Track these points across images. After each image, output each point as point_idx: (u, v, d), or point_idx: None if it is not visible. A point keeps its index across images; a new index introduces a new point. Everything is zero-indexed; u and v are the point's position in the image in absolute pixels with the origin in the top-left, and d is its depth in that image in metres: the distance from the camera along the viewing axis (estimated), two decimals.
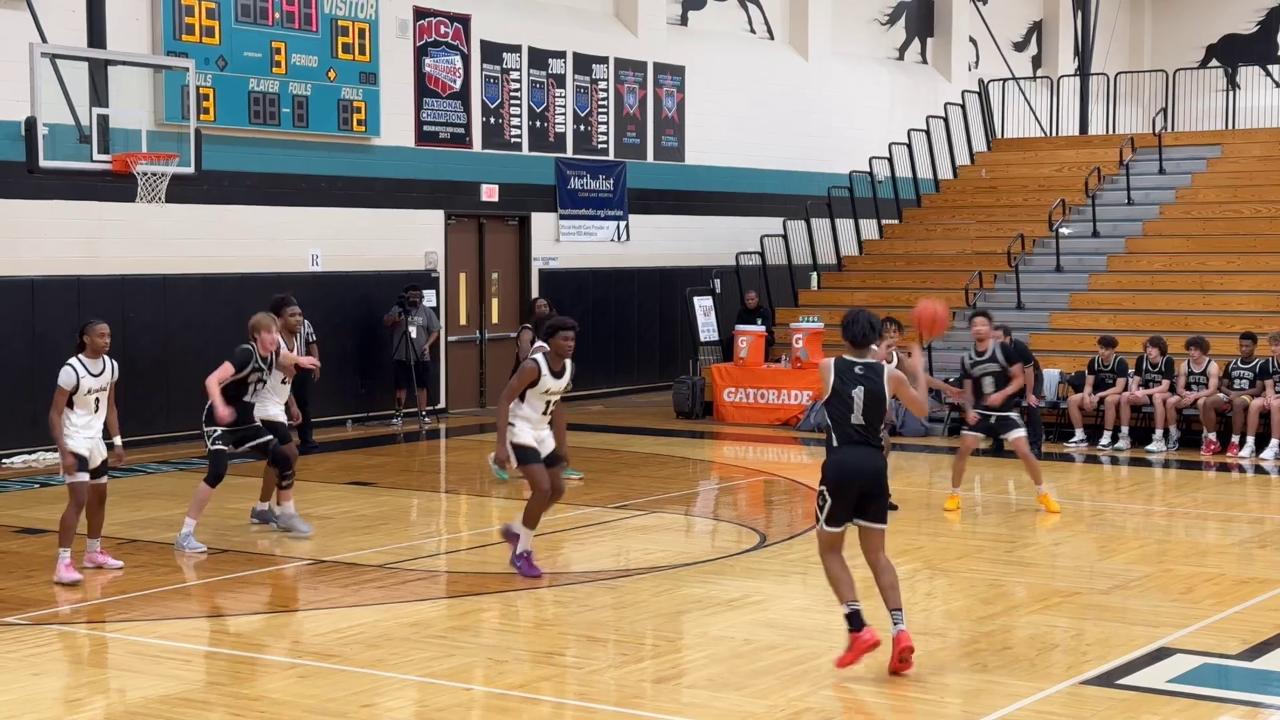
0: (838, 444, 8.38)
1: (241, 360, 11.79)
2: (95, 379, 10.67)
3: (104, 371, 10.74)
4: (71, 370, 10.59)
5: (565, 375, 10.67)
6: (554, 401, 10.77)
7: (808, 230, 23.50)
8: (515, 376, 10.81)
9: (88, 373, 10.63)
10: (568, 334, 10.59)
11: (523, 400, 10.60)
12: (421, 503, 14.33)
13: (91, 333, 10.72)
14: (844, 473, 8.33)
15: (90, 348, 10.69)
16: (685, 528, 13.52)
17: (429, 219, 20.89)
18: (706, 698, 8.00)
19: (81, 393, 10.60)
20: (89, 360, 10.67)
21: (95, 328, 10.76)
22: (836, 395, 8.36)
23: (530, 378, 10.57)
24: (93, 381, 10.65)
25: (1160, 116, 26.42)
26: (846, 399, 8.34)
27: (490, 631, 9.49)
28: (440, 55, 20.90)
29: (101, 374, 10.72)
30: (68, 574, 10.42)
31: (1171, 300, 20.17)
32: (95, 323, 10.85)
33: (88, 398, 10.63)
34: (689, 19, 25.32)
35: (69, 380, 10.57)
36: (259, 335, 11.87)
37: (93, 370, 10.66)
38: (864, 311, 8.55)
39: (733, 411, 20.52)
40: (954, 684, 8.26)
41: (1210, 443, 17.22)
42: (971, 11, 30.77)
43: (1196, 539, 12.88)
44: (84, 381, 10.59)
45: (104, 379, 10.74)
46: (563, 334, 10.58)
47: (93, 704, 7.91)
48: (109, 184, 15.92)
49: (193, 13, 17.80)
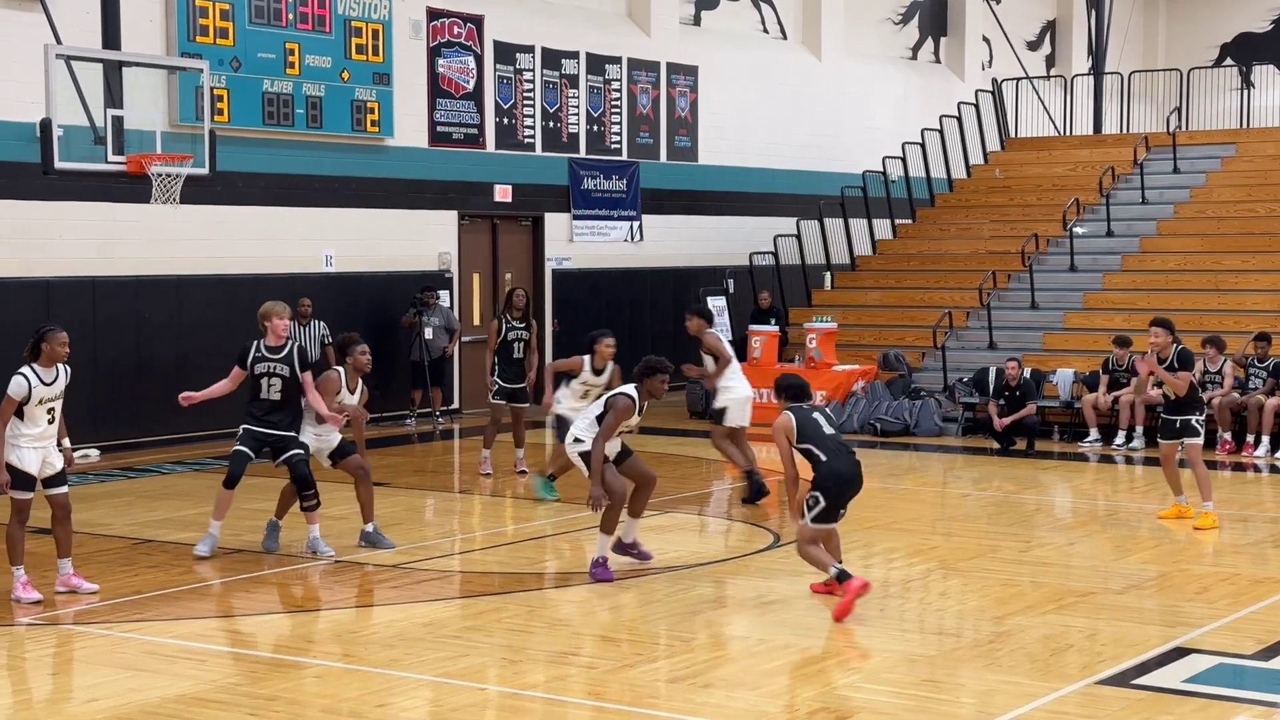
0: (826, 457, 9.74)
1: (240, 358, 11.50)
2: (48, 388, 9.94)
3: (57, 380, 10.01)
4: (23, 380, 9.84)
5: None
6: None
7: (821, 230, 23.48)
8: (612, 414, 10.58)
9: (40, 382, 9.89)
10: (664, 378, 10.66)
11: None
12: (436, 503, 14.34)
13: (52, 340, 9.95)
14: (839, 481, 9.76)
15: (46, 355, 9.94)
16: (699, 528, 13.52)
17: (442, 219, 20.91)
18: (721, 697, 8.00)
19: (33, 403, 9.87)
20: (42, 369, 9.93)
21: (56, 335, 9.98)
22: (802, 427, 9.79)
23: (626, 416, 10.64)
24: (45, 391, 9.92)
25: (1174, 115, 26.37)
26: (812, 423, 9.83)
27: (504, 631, 9.49)
28: (453, 56, 20.92)
29: (54, 383, 9.99)
30: (27, 593, 9.90)
31: (1186, 299, 20.12)
32: (56, 330, 10.06)
33: (39, 409, 9.91)
34: (702, 19, 25.31)
35: (19, 390, 9.81)
36: (269, 323, 11.56)
37: (45, 379, 9.93)
38: (794, 376, 10.39)
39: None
40: (969, 684, 8.26)
41: (1225, 442, 17.17)
42: (985, 11, 30.73)
43: (1212, 538, 12.83)
44: (36, 391, 9.86)
45: (57, 388, 10.01)
46: (660, 377, 10.64)
47: (108, 704, 7.92)
48: (123, 185, 15.95)
49: (207, 14, 17.84)
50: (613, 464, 10.74)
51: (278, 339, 11.54)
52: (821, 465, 9.75)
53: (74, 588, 10.22)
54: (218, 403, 11.98)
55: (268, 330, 11.57)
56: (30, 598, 9.91)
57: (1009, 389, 17.61)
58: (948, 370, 19.83)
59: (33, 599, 9.90)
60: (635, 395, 10.63)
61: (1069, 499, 14.97)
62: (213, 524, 11.52)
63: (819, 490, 9.76)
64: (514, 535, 13.04)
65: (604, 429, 10.57)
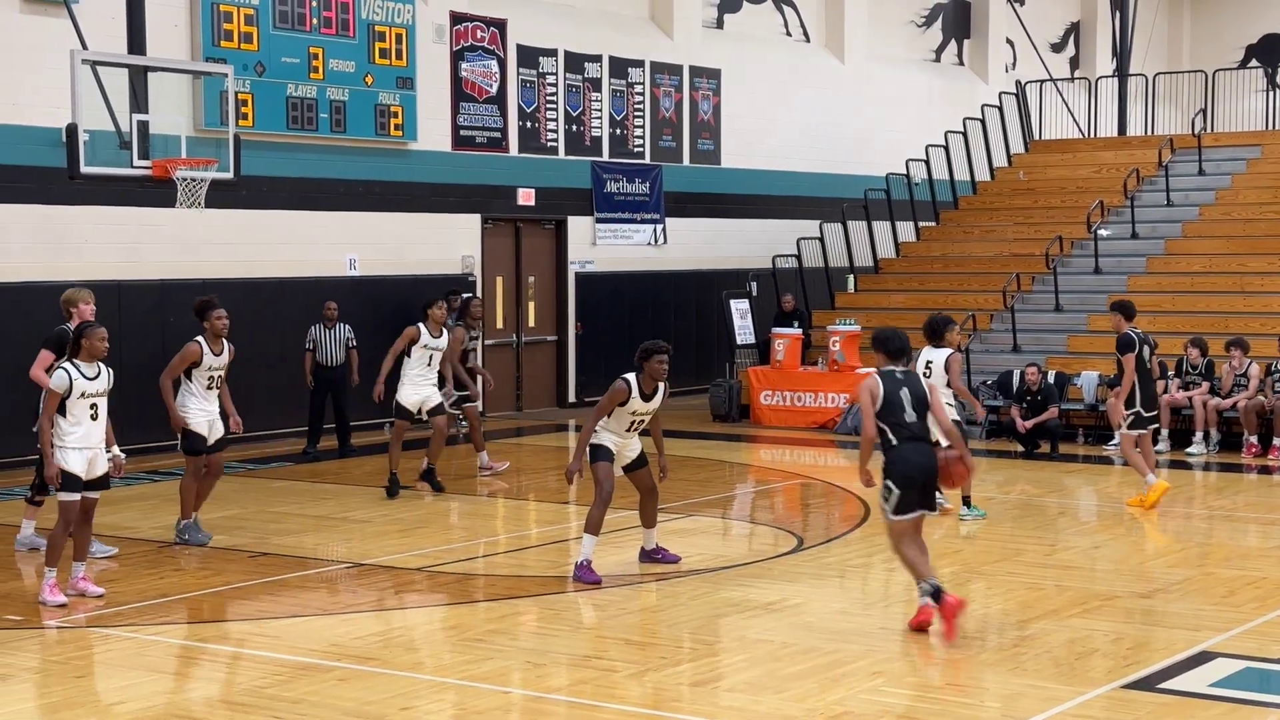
0: (897, 442, 9.22)
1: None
2: (90, 382, 9.99)
3: (99, 376, 10.08)
4: (64, 374, 9.93)
5: (657, 397, 10.75)
6: (640, 421, 10.83)
7: (844, 233, 23.46)
8: (605, 396, 10.74)
9: (81, 375, 9.95)
10: (662, 358, 10.64)
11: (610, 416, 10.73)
12: (459, 506, 14.36)
13: (91, 336, 10.02)
14: (908, 467, 9.21)
15: (86, 351, 10.00)
16: (722, 531, 13.51)
17: (466, 223, 20.95)
18: (745, 701, 7.99)
19: (75, 396, 9.92)
20: (83, 364, 10.00)
21: (95, 331, 10.07)
22: (887, 400, 9.27)
23: (619, 398, 10.63)
24: (86, 385, 9.97)
25: (1199, 117, 26.24)
26: (896, 401, 9.25)
27: (528, 635, 9.50)
28: (476, 60, 20.96)
29: (96, 378, 10.05)
30: (53, 596, 9.91)
31: (1211, 302, 20.05)
32: (95, 325, 10.18)
33: (81, 403, 9.96)
34: (724, 22, 25.31)
35: (61, 383, 9.90)
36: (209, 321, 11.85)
37: (87, 374, 9.99)
38: (896, 329, 9.85)
39: (769, 414, 20.49)
40: (993, 688, 8.24)
41: (1251, 445, 17.10)
42: (1009, 13, 30.65)
43: (1238, 542, 12.79)
44: (77, 384, 9.91)
45: (99, 384, 10.07)
46: (657, 358, 10.63)
47: (134, 707, 7.95)
48: (149, 190, 16.00)
49: (231, 19, 17.91)
50: (610, 465, 10.74)
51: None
52: (890, 450, 9.26)
53: (82, 591, 10.20)
54: (243, 406, 12.02)
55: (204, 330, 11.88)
56: (56, 601, 9.93)
57: (1030, 393, 17.58)
58: (971, 373, 19.77)
59: (58, 602, 9.93)
60: (633, 381, 10.64)
61: (1094, 502, 14.92)
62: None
63: (889, 479, 9.24)
64: (538, 539, 13.05)
65: (596, 409, 10.74)
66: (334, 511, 13.79)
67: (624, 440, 10.84)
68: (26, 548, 11.71)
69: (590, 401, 20.97)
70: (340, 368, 17.37)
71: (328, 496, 14.64)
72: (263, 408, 18.28)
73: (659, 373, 10.65)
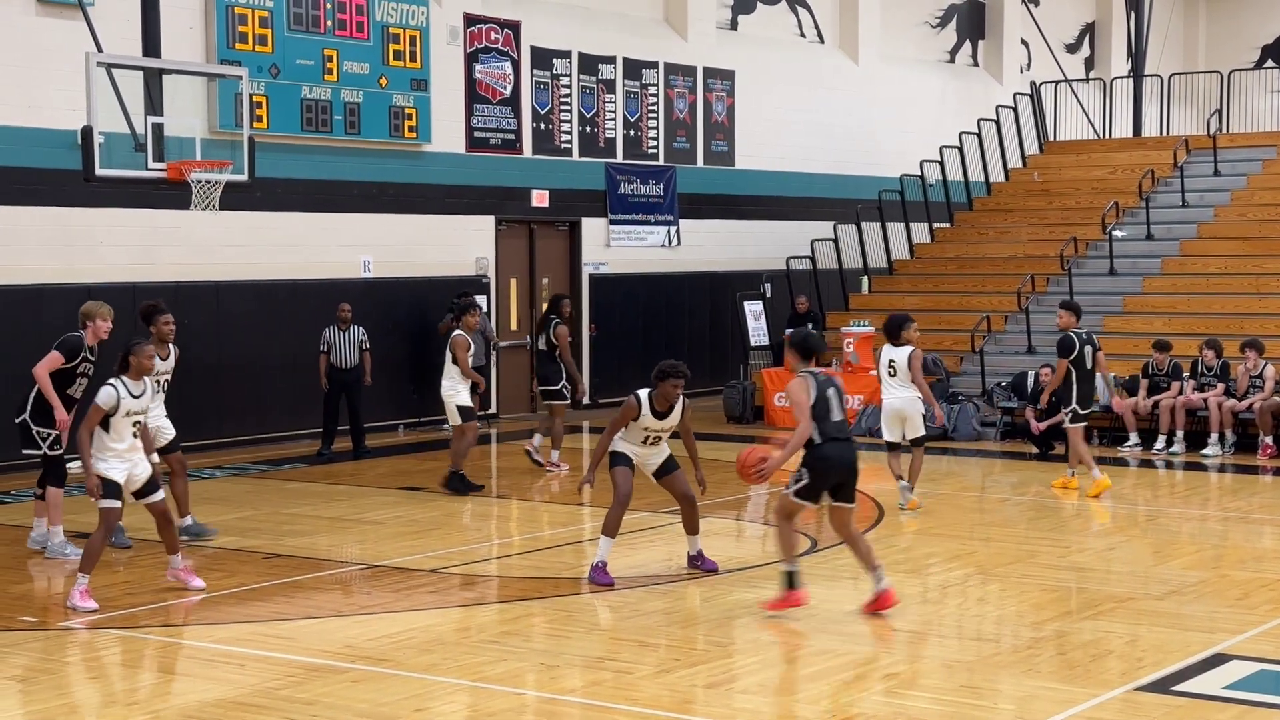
0: (821, 441, 9.66)
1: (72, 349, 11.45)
2: (135, 400, 10.11)
3: (144, 394, 10.21)
4: (113, 390, 10.02)
5: (673, 415, 10.71)
6: (656, 436, 10.79)
7: (858, 234, 23.44)
8: (618, 411, 10.76)
9: (129, 394, 10.07)
10: (677, 382, 10.62)
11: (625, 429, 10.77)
12: (473, 507, 14.37)
13: (139, 354, 10.17)
14: (828, 464, 9.69)
15: (135, 369, 10.13)
16: (736, 532, 13.50)
17: (480, 225, 20.96)
18: (759, 703, 7.99)
19: (120, 415, 10.02)
20: (131, 382, 10.12)
21: (144, 349, 10.25)
22: (821, 400, 9.68)
23: (630, 415, 10.64)
24: (132, 404, 10.09)
25: (1215, 118, 26.17)
26: (825, 404, 9.70)
27: (542, 636, 9.51)
28: (490, 62, 20.98)
29: (142, 396, 10.18)
30: (83, 602, 9.91)
31: (1226, 303, 19.99)
32: (144, 343, 10.36)
33: (124, 420, 10.06)
34: (739, 23, 25.30)
35: (109, 400, 9.99)
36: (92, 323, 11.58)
37: (134, 392, 10.11)
38: (815, 331, 10.31)
39: (783, 416, 20.45)
40: (1007, 690, 8.22)
41: (1267, 446, 17.05)
42: (1023, 13, 30.61)
43: (1253, 544, 12.76)
44: (124, 403, 10.02)
45: (144, 401, 10.21)
46: (671, 381, 10.62)
47: (148, 708, 7.97)
48: (163, 192, 16.05)
49: (246, 21, 17.94)
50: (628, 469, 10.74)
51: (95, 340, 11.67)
52: (817, 448, 9.66)
53: (184, 582, 10.46)
54: (252, 406, 12.02)
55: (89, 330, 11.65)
56: (86, 606, 9.92)
57: None
58: (986, 375, 19.76)
59: (89, 608, 9.92)
60: (645, 398, 10.65)
61: (1108, 503, 14.88)
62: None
63: (808, 468, 9.70)
64: (551, 540, 13.05)
65: (610, 425, 10.78)
66: (348, 513, 13.81)
67: (644, 450, 10.82)
68: (55, 554, 11.65)
69: (604, 403, 21.03)
70: (354, 370, 17.39)
71: (342, 498, 14.66)
72: (277, 409, 18.34)
73: (672, 395, 10.66)
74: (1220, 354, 17.73)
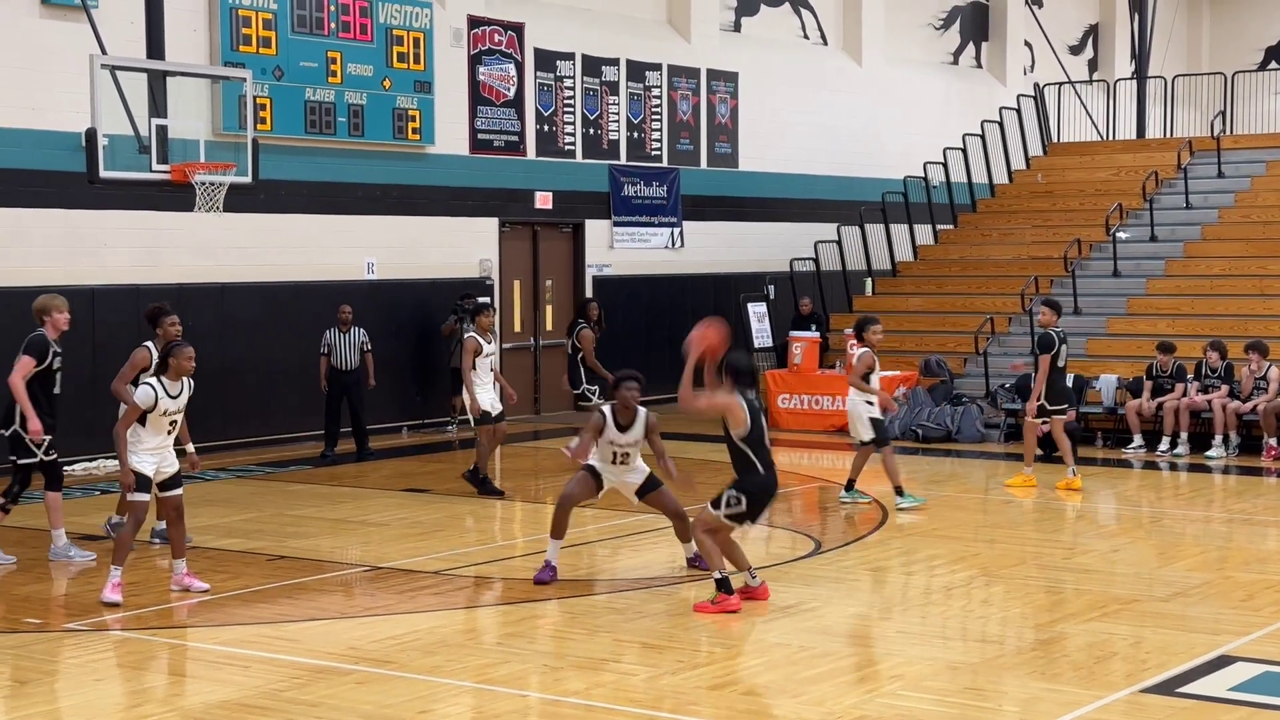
0: (763, 470, 9.84)
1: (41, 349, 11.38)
2: (173, 400, 10.37)
3: (182, 393, 10.45)
4: (150, 390, 10.29)
5: (635, 429, 10.62)
6: (624, 453, 10.72)
7: (862, 236, 23.43)
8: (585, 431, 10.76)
9: (166, 394, 10.32)
10: (631, 385, 10.63)
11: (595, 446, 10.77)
12: (476, 509, 14.37)
13: (179, 356, 10.37)
14: (765, 496, 9.91)
15: (174, 370, 10.37)
16: (740, 534, 13.46)
17: (483, 227, 20.97)
18: (762, 705, 7.99)
19: (157, 414, 10.29)
20: (169, 382, 10.37)
21: (184, 350, 10.42)
22: (755, 424, 9.79)
23: (596, 429, 10.65)
24: (170, 403, 10.35)
25: (1219, 119, 26.17)
26: (761, 426, 9.85)
27: (545, 638, 9.50)
28: (494, 64, 20.99)
29: (179, 396, 10.42)
30: (112, 594, 10.11)
31: (1230, 305, 19.98)
32: (184, 345, 10.53)
33: (162, 419, 10.34)
34: (742, 25, 25.30)
35: (147, 399, 10.25)
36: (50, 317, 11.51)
37: (171, 392, 10.36)
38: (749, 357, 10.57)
39: (787, 418, 20.48)
40: (1011, 692, 8.22)
41: (1271, 448, 17.03)
42: (1027, 15, 30.60)
43: (1258, 546, 12.74)
44: (162, 403, 10.28)
45: (181, 401, 10.45)
46: (625, 386, 10.63)
47: (152, 710, 7.97)
48: (167, 194, 16.06)
49: (250, 23, 17.96)
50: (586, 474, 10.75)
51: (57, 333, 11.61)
52: (757, 476, 9.84)
53: (187, 586, 10.51)
54: (258, 408, 12.02)
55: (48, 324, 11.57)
56: (113, 599, 10.11)
57: None
58: (990, 376, 19.75)
59: (114, 600, 10.10)
60: (609, 412, 10.67)
61: (1112, 505, 14.88)
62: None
63: (746, 494, 9.83)
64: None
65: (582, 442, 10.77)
66: (351, 515, 13.81)
67: (614, 469, 10.79)
68: (59, 556, 11.64)
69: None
70: (355, 371, 17.39)
71: (345, 500, 14.67)
72: (281, 411, 18.34)
73: (629, 400, 10.62)
74: (1224, 355, 17.72)
